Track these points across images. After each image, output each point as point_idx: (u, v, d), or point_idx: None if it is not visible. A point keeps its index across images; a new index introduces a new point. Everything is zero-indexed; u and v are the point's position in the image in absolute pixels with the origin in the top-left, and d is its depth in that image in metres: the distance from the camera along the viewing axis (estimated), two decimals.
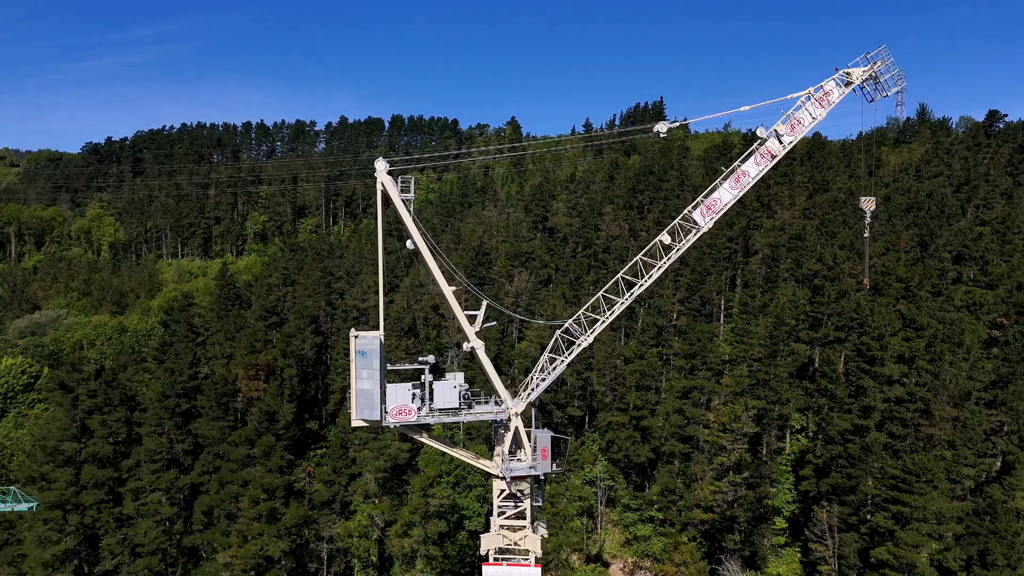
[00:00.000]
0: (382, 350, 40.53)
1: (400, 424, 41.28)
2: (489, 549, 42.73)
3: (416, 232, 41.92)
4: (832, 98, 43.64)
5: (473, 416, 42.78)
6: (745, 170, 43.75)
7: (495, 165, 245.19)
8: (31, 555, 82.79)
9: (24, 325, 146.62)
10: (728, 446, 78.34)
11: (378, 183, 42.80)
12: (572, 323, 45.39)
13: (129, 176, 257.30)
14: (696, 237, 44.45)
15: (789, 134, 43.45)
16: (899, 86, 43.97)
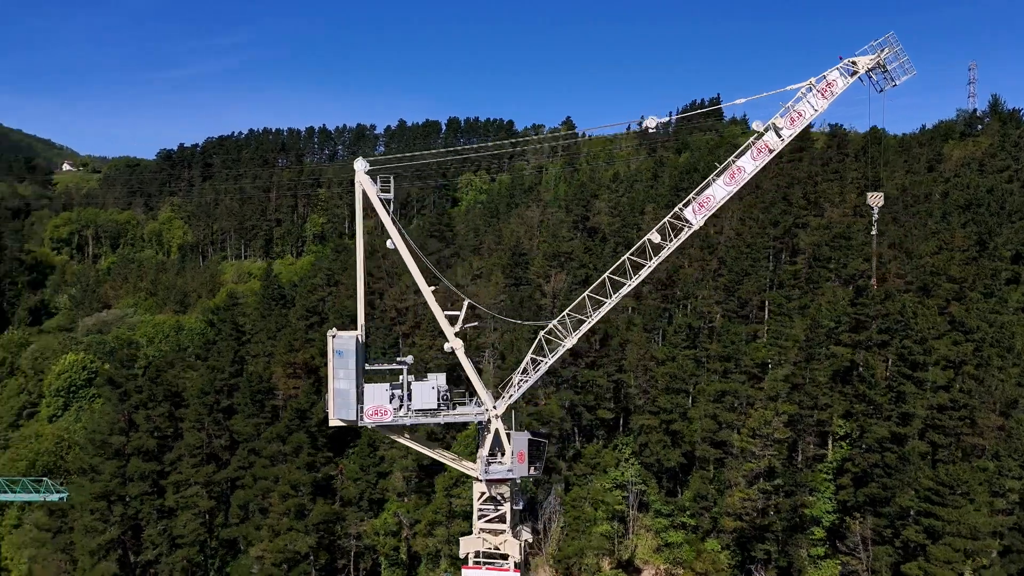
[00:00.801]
0: (359, 350, 40.75)
1: (376, 424, 41.40)
2: (468, 552, 42.41)
3: (395, 231, 41.98)
4: (836, 89, 41.64)
5: (452, 417, 42.56)
6: (741, 166, 42.17)
7: (549, 165, 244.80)
8: (79, 543, 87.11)
9: (92, 323, 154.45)
10: (758, 452, 75.66)
11: (356, 182, 43.04)
12: (556, 324, 44.55)
13: (199, 180, 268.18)
14: (687, 235, 43.02)
15: (789, 127, 41.68)
16: (908, 75, 41.55)
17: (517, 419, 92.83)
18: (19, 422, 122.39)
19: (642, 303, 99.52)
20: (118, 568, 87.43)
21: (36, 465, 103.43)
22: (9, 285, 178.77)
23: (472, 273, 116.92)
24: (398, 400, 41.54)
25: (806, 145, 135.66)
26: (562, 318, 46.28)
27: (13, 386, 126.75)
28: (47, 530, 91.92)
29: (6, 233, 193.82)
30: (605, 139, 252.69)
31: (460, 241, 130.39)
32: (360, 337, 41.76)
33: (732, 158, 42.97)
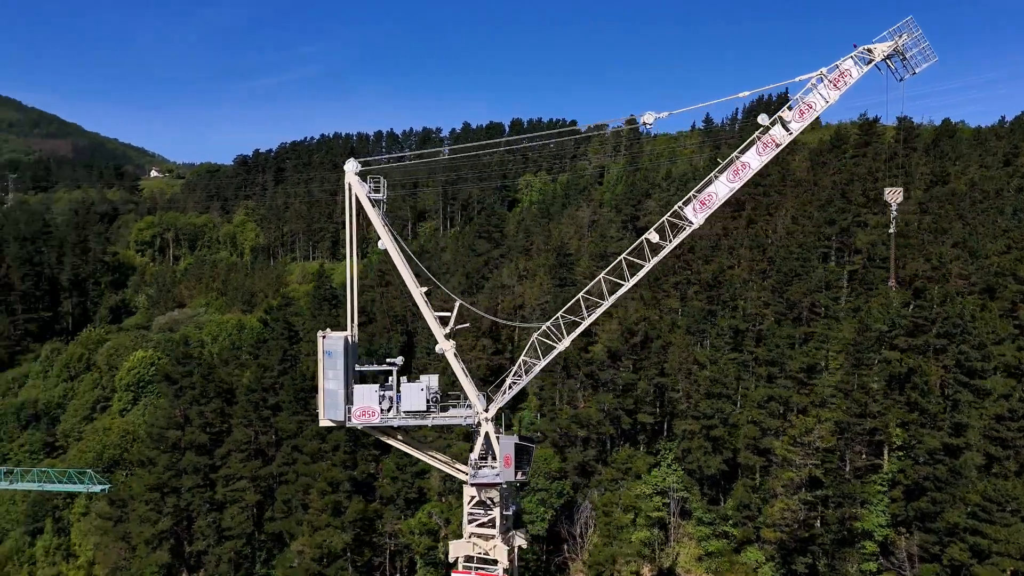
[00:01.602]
0: (348, 350, 41.01)
1: (364, 425, 41.55)
2: (458, 556, 42.07)
3: (384, 233, 42.05)
4: (849, 79, 39.30)
5: (441, 420, 42.28)
6: (746, 162, 40.37)
7: (611, 164, 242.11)
8: (134, 532, 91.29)
9: (164, 321, 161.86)
10: (799, 461, 72.50)
11: (346, 183, 43.32)
12: (551, 326, 43.69)
13: (271, 185, 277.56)
14: (686, 235, 41.47)
15: (798, 120, 39.65)
16: (929, 62, 38.81)
17: (555, 421, 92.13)
18: (93, 415, 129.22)
19: (687, 305, 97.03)
20: (171, 558, 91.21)
21: (103, 457, 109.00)
22: (93, 285, 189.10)
23: (518, 274, 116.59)
24: (388, 401, 41.65)
25: (871, 139, 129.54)
26: (556, 320, 45.36)
27: (89, 381, 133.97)
28: (108, 519, 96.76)
29: (91, 236, 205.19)
30: (668, 137, 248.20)
31: (509, 242, 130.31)
32: (353, 338, 42.00)
33: (736, 153, 41.15)
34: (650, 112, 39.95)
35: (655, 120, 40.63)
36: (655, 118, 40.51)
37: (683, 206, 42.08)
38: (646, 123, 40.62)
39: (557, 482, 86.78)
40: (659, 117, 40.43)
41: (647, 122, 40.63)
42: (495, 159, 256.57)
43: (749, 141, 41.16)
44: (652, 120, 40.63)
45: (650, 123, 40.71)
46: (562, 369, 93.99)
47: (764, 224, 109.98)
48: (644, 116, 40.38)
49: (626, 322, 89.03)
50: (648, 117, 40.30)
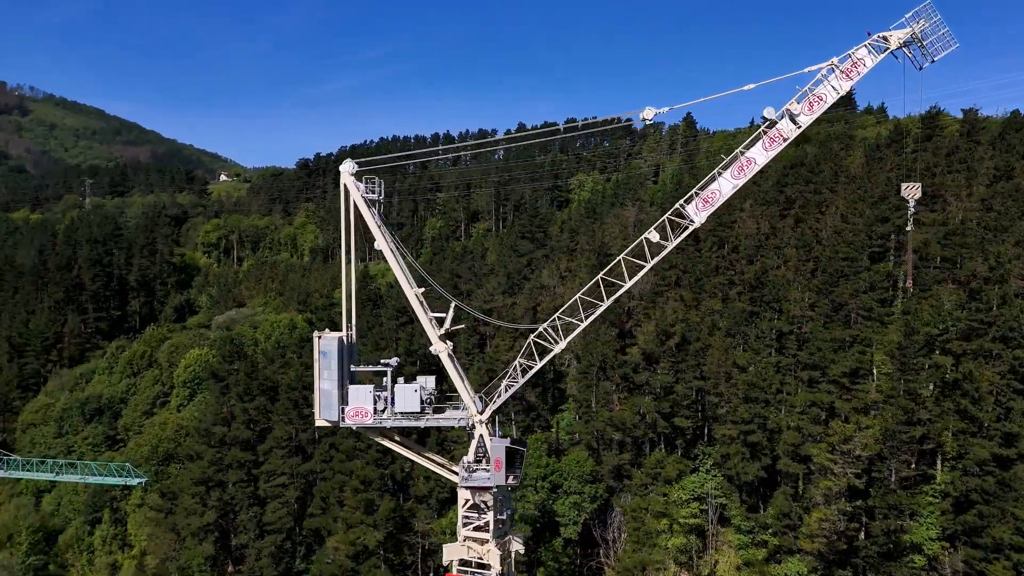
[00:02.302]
0: (342, 351, 41.18)
1: (357, 426, 41.64)
2: (452, 560, 41.68)
3: (379, 233, 42.07)
4: (863, 68, 37.26)
5: (435, 422, 41.97)
6: (751, 157, 38.75)
7: (667, 163, 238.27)
8: (181, 524, 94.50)
9: (222, 320, 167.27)
10: (838, 469, 69.47)
11: (342, 184, 43.53)
12: (547, 328, 42.86)
13: (331, 187, 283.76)
14: (688, 234, 40.10)
15: (807, 113, 37.83)
16: (948, 49, 36.46)
17: (590, 424, 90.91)
18: (153, 410, 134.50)
19: (728, 306, 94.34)
20: (215, 550, 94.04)
21: (158, 451, 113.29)
22: (159, 285, 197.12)
23: (559, 274, 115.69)
24: (383, 402, 41.69)
25: (934, 133, 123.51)
26: (553, 322, 44.51)
27: (149, 377, 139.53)
28: (159, 511, 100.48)
29: (159, 238, 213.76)
30: (726, 134, 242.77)
31: (553, 243, 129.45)
32: (351, 338, 42.25)
33: (741, 149, 39.51)
34: (649, 107, 38.75)
35: (654, 115, 39.33)
36: (654, 113, 39.24)
37: (685, 204, 40.70)
38: (644, 119, 39.40)
39: (591, 485, 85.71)
40: (658, 112, 39.13)
41: (646, 118, 39.42)
42: (548, 159, 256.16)
43: (755, 135, 39.52)
44: (651, 115, 39.35)
45: (649, 119, 39.45)
46: (598, 370, 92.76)
47: (814, 222, 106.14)
48: (643, 112, 39.17)
49: (662, 323, 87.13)
50: (647, 113, 39.09)
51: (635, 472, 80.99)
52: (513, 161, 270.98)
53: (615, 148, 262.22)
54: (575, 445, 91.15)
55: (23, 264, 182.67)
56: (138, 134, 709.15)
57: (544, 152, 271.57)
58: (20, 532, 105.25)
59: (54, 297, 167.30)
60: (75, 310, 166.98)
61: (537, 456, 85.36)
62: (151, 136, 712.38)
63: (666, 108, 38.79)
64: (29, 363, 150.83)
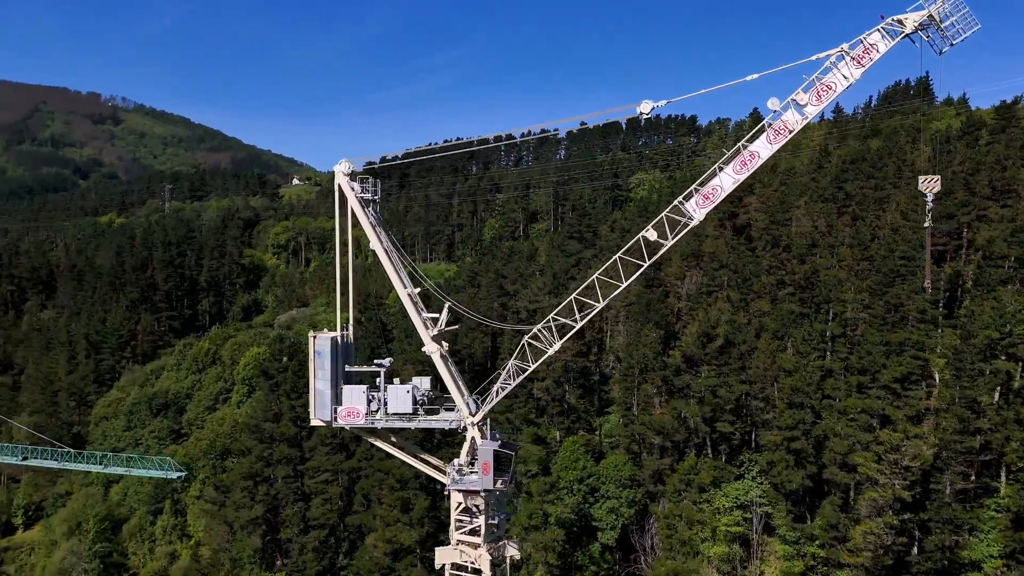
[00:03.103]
0: (338, 351, 41.24)
1: (349, 426, 41.60)
2: (444, 564, 41.15)
3: (372, 234, 41.97)
4: (875, 54, 34.91)
5: (427, 423, 41.52)
6: (755, 151, 36.83)
7: None
8: (232, 517, 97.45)
9: (284, 320, 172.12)
10: (885, 480, 65.75)
11: (336, 184, 43.66)
12: (541, 329, 41.84)
13: (395, 189, 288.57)
14: (686, 232, 38.46)
15: (815, 103, 35.71)
16: (970, 30, 33.80)
17: (630, 427, 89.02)
18: (215, 406, 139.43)
19: (776, 307, 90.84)
20: (262, 543, 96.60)
21: (215, 445, 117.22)
22: (228, 286, 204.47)
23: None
24: (377, 403, 41.57)
25: (1009, 124, 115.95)
26: (547, 323, 43.42)
27: (213, 374, 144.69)
28: (213, 503, 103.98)
29: (229, 240, 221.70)
30: None
31: (603, 243, 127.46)
32: (347, 338, 42.39)
33: (743, 142, 37.52)
34: (647, 101, 37.18)
35: (652, 109, 37.77)
36: (652, 107, 37.65)
37: (684, 201, 39.02)
38: (642, 113, 37.91)
39: (629, 490, 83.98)
40: (656, 106, 37.56)
41: (643, 112, 37.91)
42: (608, 158, 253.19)
43: (758, 128, 37.51)
44: (649, 109, 37.81)
45: (647, 112, 37.94)
46: (640, 373, 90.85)
47: (874, 219, 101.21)
48: (640, 106, 37.68)
49: (704, 324, 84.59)
50: (644, 106, 37.58)
51: (669, 478, 78.82)
52: (574, 161, 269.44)
53: (678, 146, 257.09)
54: (615, 449, 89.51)
55: (102, 265, 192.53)
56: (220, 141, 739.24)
57: (605, 151, 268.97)
58: (88, 520, 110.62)
59: (130, 297, 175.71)
60: (148, 309, 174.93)
61: (574, 459, 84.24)
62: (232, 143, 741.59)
63: (664, 101, 37.22)
64: (105, 359, 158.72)
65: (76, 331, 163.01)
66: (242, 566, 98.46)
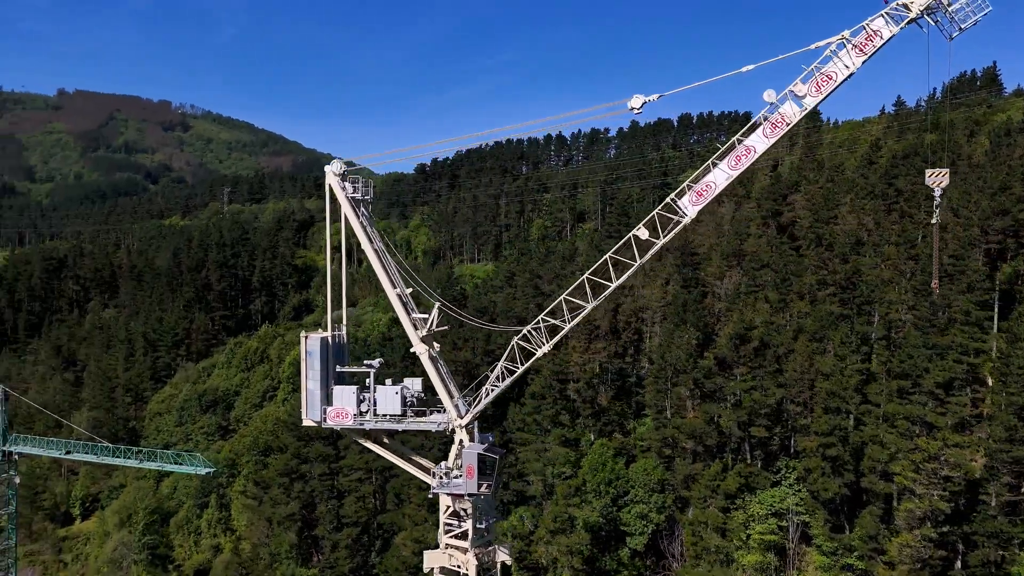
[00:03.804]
0: (326, 351, 41.20)
1: (338, 427, 41.48)
2: (433, 567, 40.61)
3: (363, 235, 41.77)
4: (878, 40, 32.95)
5: (415, 425, 41.04)
6: (750, 146, 35.23)
7: (786, 156, 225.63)
8: (269, 513, 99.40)
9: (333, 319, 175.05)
10: (922, 491, 62.49)
11: (326, 185, 43.58)
12: (531, 330, 40.91)
13: (446, 190, 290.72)
14: (679, 230, 37.05)
15: (814, 94, 33.97)
16: (980, 13, 31.54)
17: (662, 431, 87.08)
18: (262, 403, 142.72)
19: (816, 307, 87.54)
20: (298, 539, 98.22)
21: (258, 442, 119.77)
22: (280, 286, 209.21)
23: (644, 273, 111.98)
24: (368, 404, 41.37)
25: None
26: (537, 324, 42.38)
27: (261, 372, 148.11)
28: (253, 499, 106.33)
29: (281, 242, 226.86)
30: (853, 124, 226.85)
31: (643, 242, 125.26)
32: (339, 339, 42.36)
33: (738, 136, 35.86)
34: (637, 95, 35.87)
35: (643, 104, 36.43)
36: (643, 102, 36.30)
37: (677, 198, 37.59)
38: (633, 108, 36.63)
39: (658, 495, 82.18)
40: (648, 101, 36.19)
41: (634, 107, 36.61)
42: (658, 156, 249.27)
43: (753, 122, 35.82)
44: (640, 104, 36.48)
45: (638, 108, 36.62)
46: (672, 375, 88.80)
47: (925, 216, 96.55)
48: (631, 101, 36.40)
49: (737, 326, 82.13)
50: (635, 101, 36.26)
51: (695, 484, 76.76)
52: (623, 159, 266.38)
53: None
54: (646, 452, 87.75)
55: (160, 266, 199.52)
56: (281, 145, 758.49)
57: (656, 150, 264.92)
58: (138, 512, 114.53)
59: (185, 296, 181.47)
60: (203, 309, 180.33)
61: (602, 462, 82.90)
62: (293, 146, 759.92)
63: (655, 96, 35.88)
64: (161, 357, 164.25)
65: (134, 329, 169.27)
66: (280, 561, 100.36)
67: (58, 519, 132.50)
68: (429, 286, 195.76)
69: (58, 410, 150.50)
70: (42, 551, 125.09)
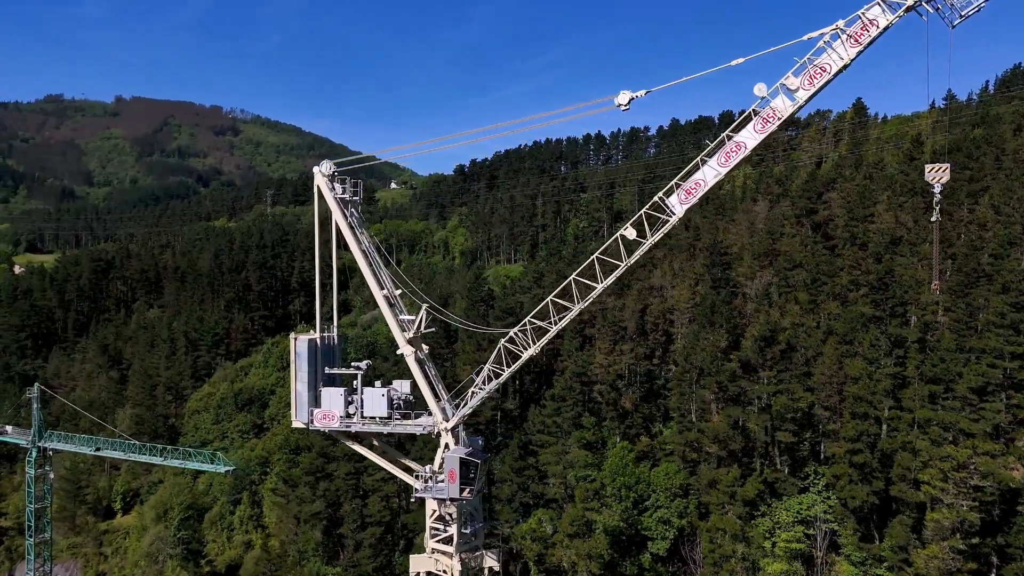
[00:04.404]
0: (314, 352, 41.02)
1: (327, 429, 41.25)
2: (419, 572, 40.07)
3: (351, 235, 41.52)
4: (874, 30, 31.36)
5: (400, 428, 40.56)
6: (741, 142, 33.97)
7: (830, 154, 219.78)
8: (296, 511, 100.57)
9: (366, 319, 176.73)
10: (950, 500, 59.76)
11: (315, 186, 43.48)
12: (517, 332, 40.09)
13: (484, 191, 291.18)
14: (668, 229, 35.88)
15: (807, 87, 32.57)
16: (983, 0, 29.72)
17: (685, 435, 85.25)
18: None
19: (848, 308, 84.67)
20: (323, 537, 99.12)
21: (289, 440, 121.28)
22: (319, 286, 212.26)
23: (672, 274, 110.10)
24: (356, 406, 41.04)
25: None
26: (523, 326, 41.52)
27: None
28: (282, 496, 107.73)
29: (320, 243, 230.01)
30: (901, 119, 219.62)
31: (673, 242, 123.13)
32: (331, 340, 42.13)
33: (728, 132, 34.46)
34: (624, 91, 34.75)
35: (630, 101, 35.27)
36: (630, 98, 35.14)
37: (665, 196, 36.36)
38: (620, 105, 35.52)
39: (680, 500, 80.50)
40: (635, 97, 35.01)
41: (620, 103, 35.50)
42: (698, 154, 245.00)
43: (744, 117, 34.43)
44: (627, 100, 35.34)
45: (624, 104, 35.49)
46: (697, 377, 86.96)
47: (967, 214, 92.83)
48: (618, 97, 35.30)
49: (762, 328, 79.95)
50: (622, 97, 35.17)
51: (712, 489, 74.90)
52: (663, 158, 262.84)
53: (773, 140, 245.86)
54: (669, 456, 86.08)
55: (203, 267, 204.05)
56: (328, 148, 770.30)
57: (696, 148, 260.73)
58: (173, 508, 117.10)
59: (225, 297, 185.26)
60: (242, 309, 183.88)
61: (622, 465, 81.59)
62: (340, 149, 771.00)
63: (643, 91, 34.78)
64: (201, 356, 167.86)
65: (177, 329, 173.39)
66: (307, 559, 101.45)
67: (100, 513, 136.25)
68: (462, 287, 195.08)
69: (103, 407, 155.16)
70: (84, 544, 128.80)
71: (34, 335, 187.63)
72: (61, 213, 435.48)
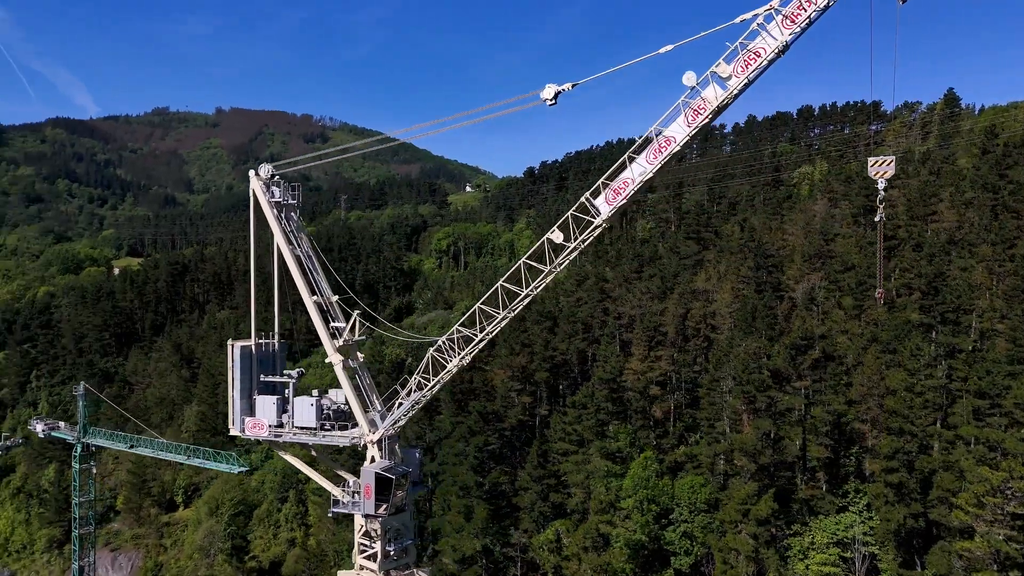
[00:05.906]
0: (249, 360, 40.16)
1: (257, 439, 40.26)
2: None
3: (283, 240, 40.52)
4: (811, 8, 27.90)
5: (327, 440, 39.07)
6: (670, 136, 30.96)
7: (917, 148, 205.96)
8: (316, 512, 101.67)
9: (424, 321, 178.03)
10: (983, 528, 53.76)
11: (251, 190, 42.68)
12: (446, 340, 38.02)
13: (552, 193, 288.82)
14: (595, 232, 33.14)
15: (739, 74, 29.32)
16: None
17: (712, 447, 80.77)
18: None
19: (894, 315, 78.22)
20: None
21: None
22: (383, 289, 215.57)
23: (718, 276, 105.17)
24: (289, 416, 39.95)
25: None
26: (451, 335, 39.28)
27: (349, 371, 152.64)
28: (319, 494, 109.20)
29: (385, 246, 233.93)
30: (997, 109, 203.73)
31: (723, 243, 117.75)
32: (270, 347, 41.23)
33: (655, 126, 31.31)
34: (550, 85, 32.22)
35: (556, 95, 32.65)
36: (556, 92, 32.55)
37: (592, 197, 33.56)
38: (545, 99, 33.02)
39: (704, 515, 76.31)
40: (561, 90, 32.40)
41: (546, 97, 32.99)
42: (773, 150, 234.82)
43: (673, 109, 31.27)
44: (552, 94, 32.74)
45: (550, 99, 32.92)
46: (729, 387, 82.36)
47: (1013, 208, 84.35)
48: (543, 92, 32.79)
49: (795, 335, 74.84)
50: (547, 92, 32.63)
51: (725, 506, 70.43)
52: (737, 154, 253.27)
53: (854, 135, 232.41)
54: (697, 469, 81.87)
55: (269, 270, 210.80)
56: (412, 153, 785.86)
57: (772, 144, 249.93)
58: (224, 504, 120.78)
59: (291, 298, 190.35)
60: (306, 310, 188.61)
61: (645, 476, 78.11)
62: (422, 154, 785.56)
63: (569, 84, 32.21)
64: None
65: (243, 330, 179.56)
66: (344, 559, 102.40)
67: (163, 505, 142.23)
68: None
69: (172, 404, 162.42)
70: (147, 535, 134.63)
71: (116, 334, 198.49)
72: (160, 219, 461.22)
